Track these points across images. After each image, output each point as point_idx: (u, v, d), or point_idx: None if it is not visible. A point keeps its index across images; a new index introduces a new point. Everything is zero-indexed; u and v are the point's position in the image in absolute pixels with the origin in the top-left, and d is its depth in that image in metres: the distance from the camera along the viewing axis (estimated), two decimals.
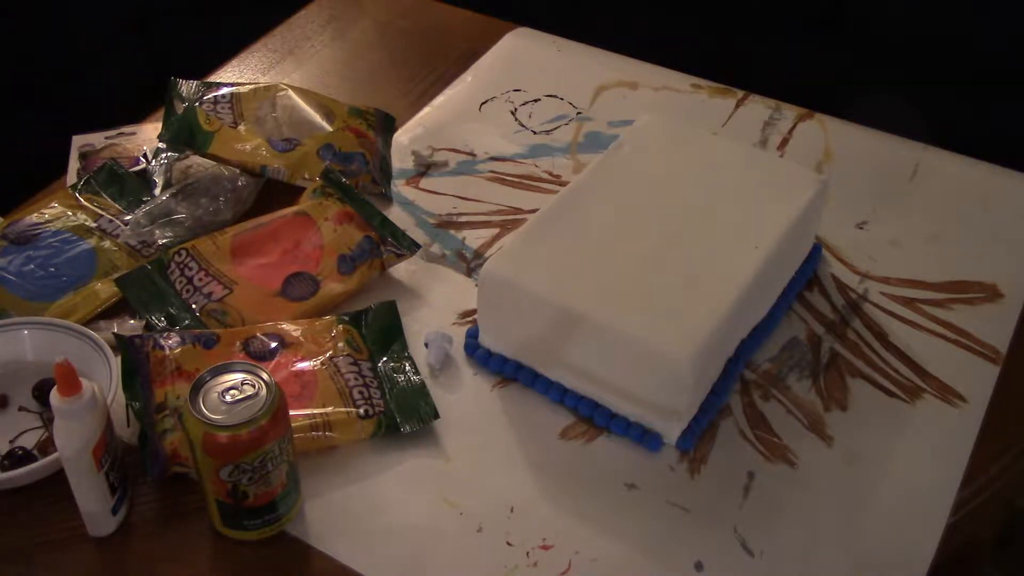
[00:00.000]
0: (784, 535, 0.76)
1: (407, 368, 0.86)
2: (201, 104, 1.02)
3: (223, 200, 0.98)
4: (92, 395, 0.70)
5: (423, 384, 0.84)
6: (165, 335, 0.83)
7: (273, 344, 0.84)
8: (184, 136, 1.00)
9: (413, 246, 0.95)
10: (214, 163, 1.00)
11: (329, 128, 1.04)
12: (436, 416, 0.82)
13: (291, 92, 1.06)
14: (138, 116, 1.11)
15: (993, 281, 0.94)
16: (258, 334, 0.84)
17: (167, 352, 0.81)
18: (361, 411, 0.80)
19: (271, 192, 1.00)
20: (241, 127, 1.01)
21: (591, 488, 0.79)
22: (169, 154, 1.03)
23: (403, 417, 0.82)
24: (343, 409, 0.80)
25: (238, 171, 1.00)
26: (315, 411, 0.79)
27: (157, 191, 1.00)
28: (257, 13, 1.32)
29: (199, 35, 1.61)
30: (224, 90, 1.05)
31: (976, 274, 0.95)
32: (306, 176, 0.99)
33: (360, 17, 1.29)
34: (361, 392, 0.81)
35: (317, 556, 0.75)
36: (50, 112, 1.63)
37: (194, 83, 1.06)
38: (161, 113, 1.02)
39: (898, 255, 0.97)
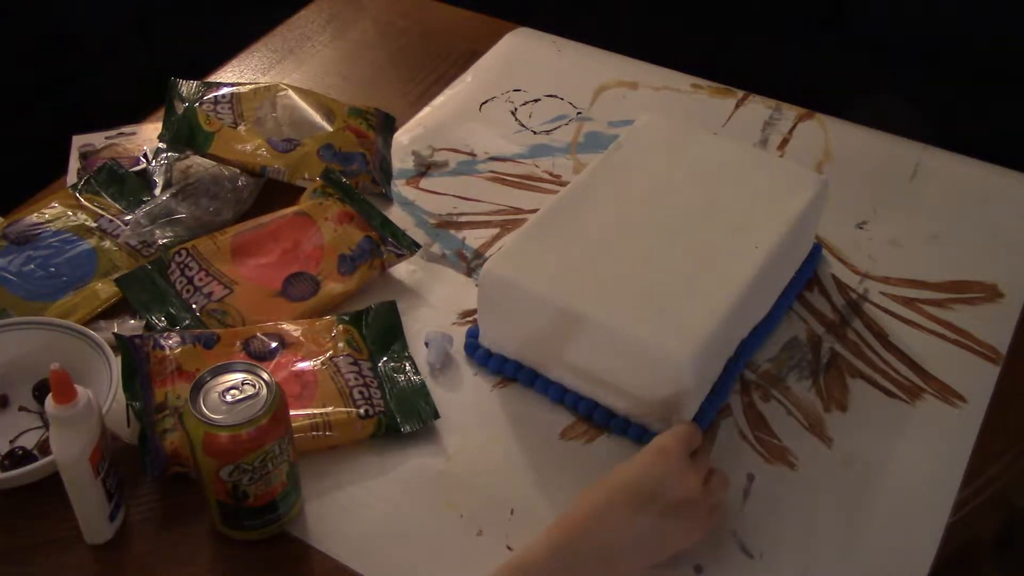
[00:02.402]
0: (784, 536, 0.76)
1: (407, 368, 0.85)
2: (201, 104, 1.02)
3: (223, 200, 0.98)
4: (88, 402, 0.69)
5: (423, 384, 0.84)
6: (165, 335, 0.83)
7: (273, 344, 0.84)
8: (184, 136, 1.00)
9: (413, 246, 0.95)
10: (214, 163, 1.00)
11: (329, 128, 1.04)
12: (436, 416, 0.82)
13: (291, 92, 1.06)
14: (138, 116, 1.11)
15: (993, 281, 0.94)
16: (258, 334, 0.84)
17: (167, 352, 0.81)
18: (361, 411, 0.80)
19: (271, 192, 1.00)
20: (241, 127, 1.01)
21: None
22: (169, 154, 1.03)
23: (403, 417, 0.82)
24: (343, 409, 0.80)
25: (238, 171, 1.00)
26: (315, 411, 0.79)
27: (157, 191, 1.00)
28: (257, 13, 1.32)
29: (199, 35, 1.61)
30: (224, 90, 1.05)
31: (976, 274, 0.95)
32: (306, 176, 0.99)
33: (360, 17, 1.29)
34: (361, 392, 0.81)
35: (317, 556, 0.75)
36: (50, 112, 1.63)
37: (194, 83, 1.05)
38: (161, 113, 1.02)
39: (898, 255, 0.97)
